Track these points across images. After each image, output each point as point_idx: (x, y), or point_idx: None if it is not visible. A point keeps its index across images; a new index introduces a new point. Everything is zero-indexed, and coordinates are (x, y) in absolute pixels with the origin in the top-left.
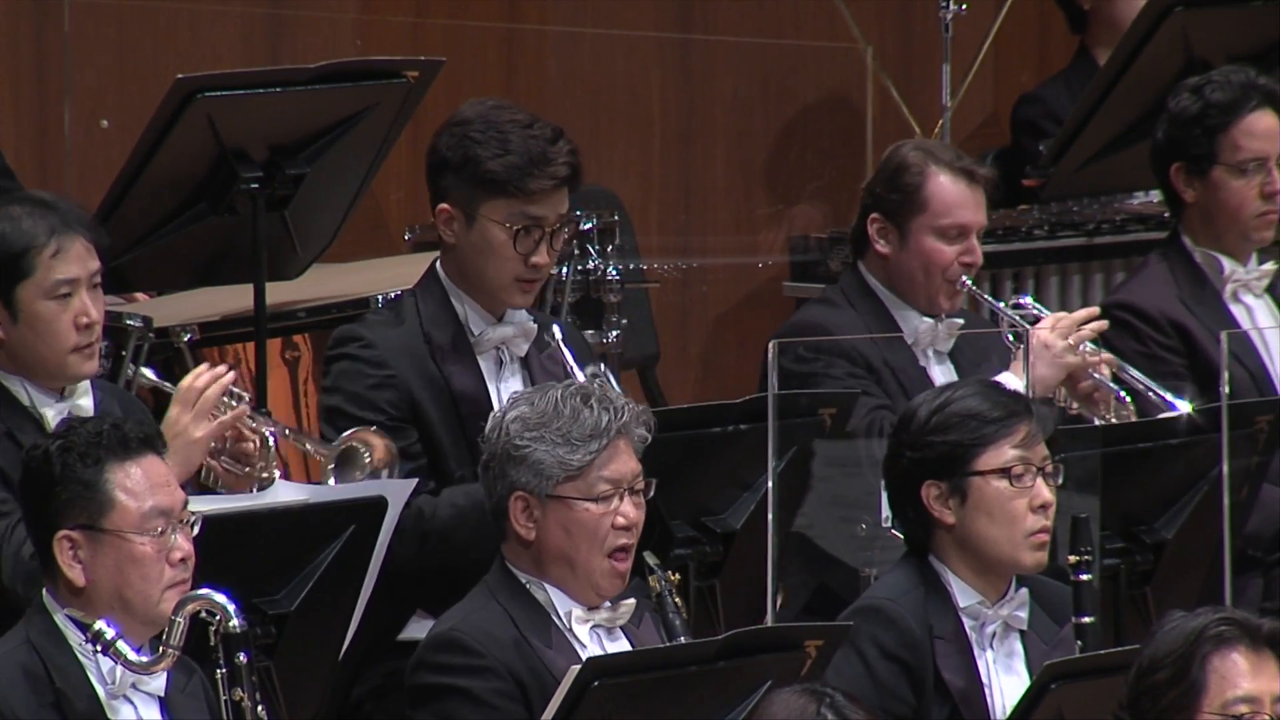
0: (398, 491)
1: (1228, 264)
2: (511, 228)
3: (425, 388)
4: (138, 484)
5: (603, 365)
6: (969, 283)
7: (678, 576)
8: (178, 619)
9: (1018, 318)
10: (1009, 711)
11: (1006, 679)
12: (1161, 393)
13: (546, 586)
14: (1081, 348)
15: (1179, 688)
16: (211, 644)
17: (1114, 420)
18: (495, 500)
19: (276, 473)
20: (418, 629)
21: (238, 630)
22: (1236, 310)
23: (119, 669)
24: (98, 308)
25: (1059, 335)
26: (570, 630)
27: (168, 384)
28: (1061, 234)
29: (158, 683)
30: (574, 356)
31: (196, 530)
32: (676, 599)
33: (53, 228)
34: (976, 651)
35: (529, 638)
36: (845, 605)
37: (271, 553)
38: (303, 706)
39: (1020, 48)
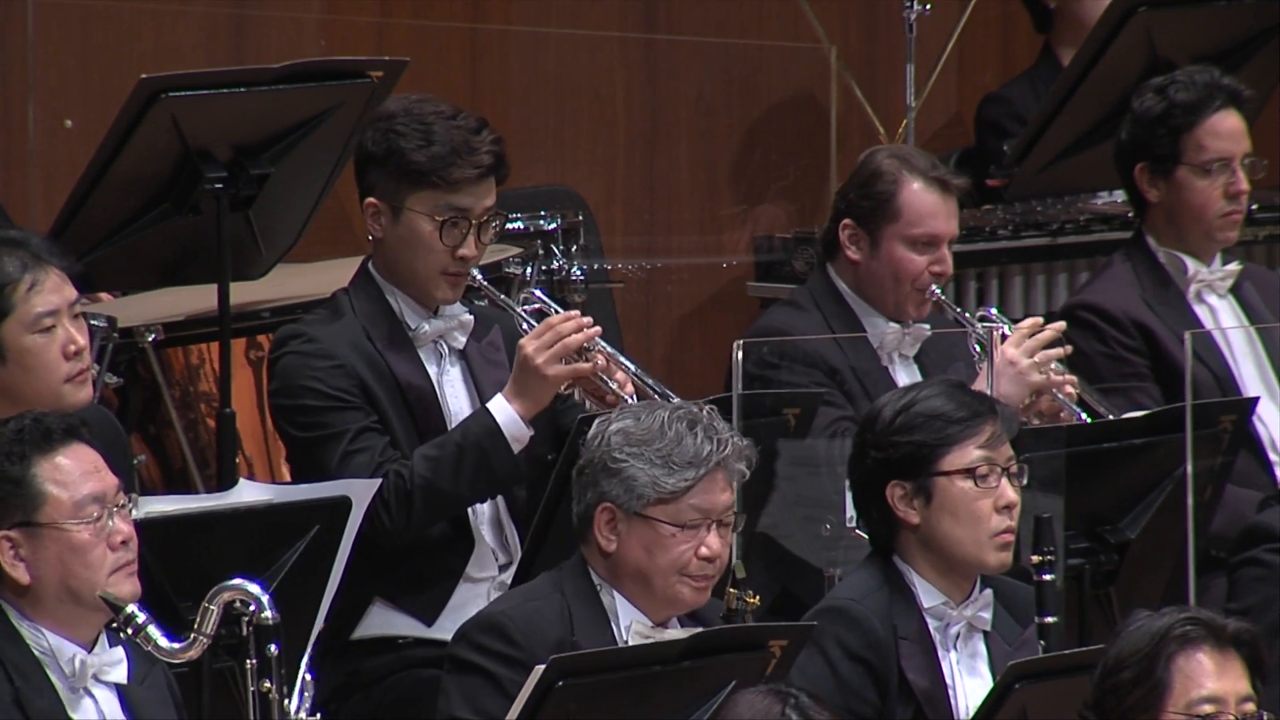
0: (362, 492)
1: (1191, 264)
2: (437, 219)
3: (372, 375)
4: (67, 474)
5: (537, 291)
6: (938, 292)
7: (756, 600)
8: (211, 606)
9: (983, 329)
10: (973, 712)
11: (970, 679)
12: (1119, 414)
13: (615, 595)
14: (1047, 367)
15: (1144, 687)
16: (244, 634)
17: None
18: (583, 506)
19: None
20: (381, 624)
21: (270, 622)
22: (1200, 311)
23: (79, 660)
24: (83, 335)
25: (1025, 353)
26: (626, 642)
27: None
28: (1025, 234)
29: (118, 672)
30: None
31: (134, 512)
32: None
33: (24, 263)
34: (940, 652)
35: (579, 640)
36: (809, 606)
37: (236, 553)
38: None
39: (984, 48)
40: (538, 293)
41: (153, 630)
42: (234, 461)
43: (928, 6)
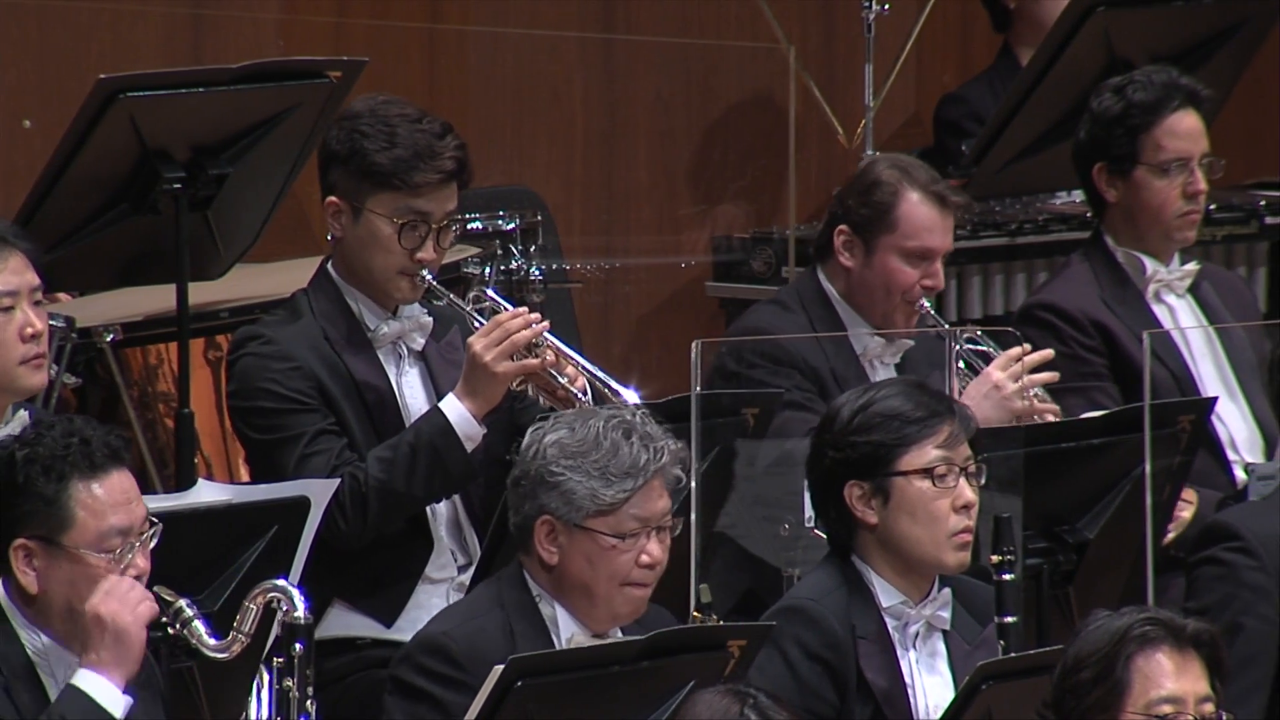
0: (320, 491)
1: (1150, 264)
2: (397, 222)
3: (331, 377)
4: (100, 503)
5: (489, 290)
6: (927, 305)
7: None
8: (250, 605)
9: (969, 351)
10: (940, 712)
11: (929, 679)
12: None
13: (556, 606)
14: (1030, 393)
15: (1103, 687)
16: (278, 634)
17: None
18: (521, 518)
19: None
20: (340, 625)
21: (302, 621)
22: (1159, 310)
23: (75, 668)
24: (41, 320)
25: (1010, 377)
26: None
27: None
28: (984, 234)
29: None
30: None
31: (154, 543)
32: None
33: None
34: (899, 651)
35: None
36: (768, 605)
37: (194, 553)
38: (225, 707)
39: (942, 48)
40: (489, 291)
41: (198, 625)
42: (193, 462)
43: (886, 6)
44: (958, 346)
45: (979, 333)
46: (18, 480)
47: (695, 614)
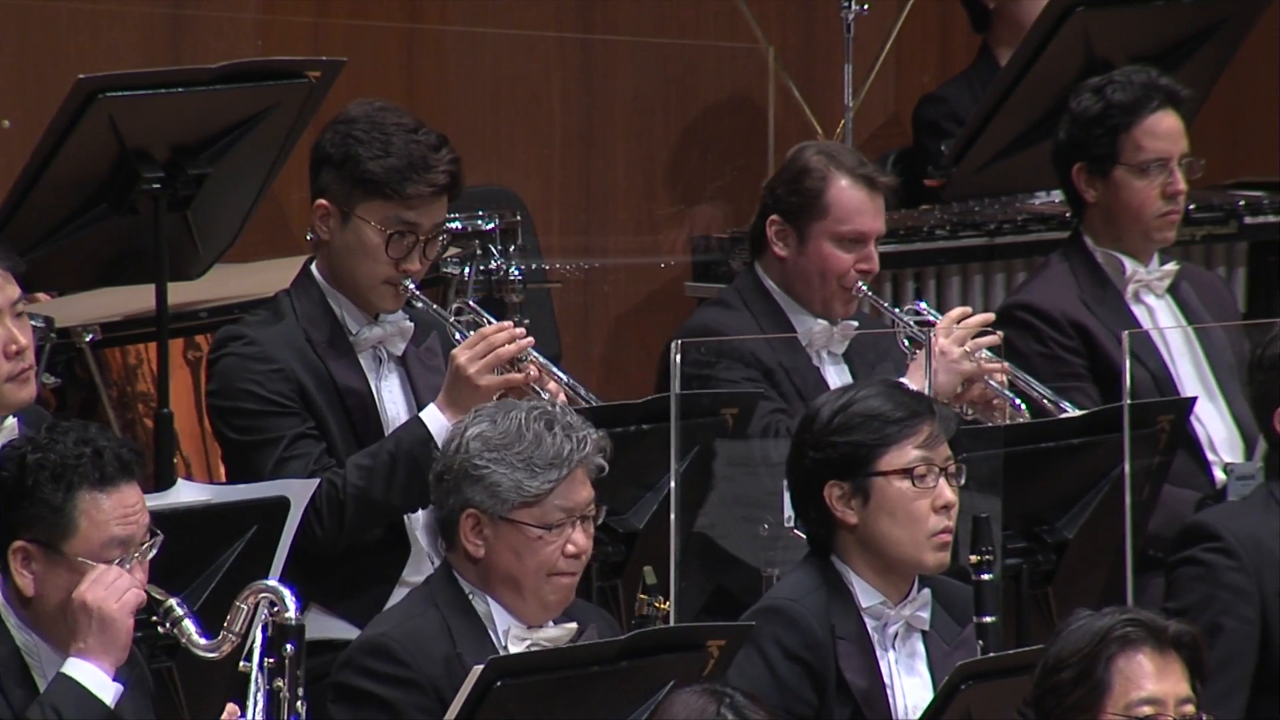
0: (300, 492)
1: (1129, 264)
2: (385, 231)
3: (312, 380)
4: (104, 515)
5: (471, 301)
6: (865, 289)
7: (666, 605)
8: (241, 605)
9: (913, 324)
10: (920, 712)
11: (908, 679)
12: (1056, 399)
13: (489, 600)
14: (977, 354)
15: (1084, 687)
16: (270, 634)
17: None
18: (446, 513)
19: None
20: (317, 628)
21: (294, 622)
22: (1138, 310)
23: None
24: (25, 334)
25: (955, 342)
26: (505, 647)
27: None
28: (963, 234)
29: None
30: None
31: (153, 554)
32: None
33: None
34: (879, 652)
35: (462, 653)
36: (747, 605)
37: (174, 554)
38: (204, 708)
39: (922, 48)
40: (471, 303)
41: (188, 624)
42: (172, 462)
43: (865, 7)
44: (901, 321)
45: (923, 305)
46: (26, 483)
47: (641, 596)
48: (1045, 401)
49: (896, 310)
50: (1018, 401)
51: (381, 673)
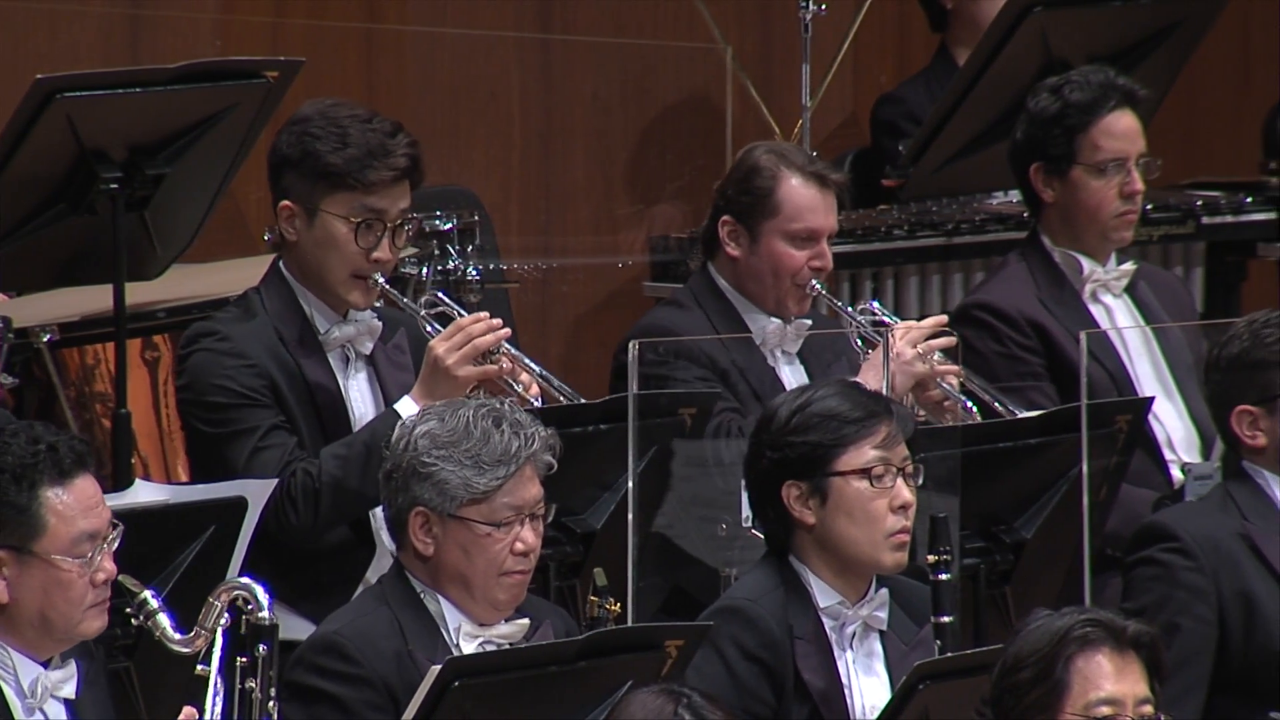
0: (258, 492)
1: (1087, 264)
2: (353, 221)
3: (283, 376)
4: (70, 509)
5: (440, 294)
6: (819, 287)
7: (617, 607)
8: (215, 602)
9: (866, 323)
10: (878, 712)
11: (866, 679)
12: (1007, 403)
13: (440, 599)
14: (931, 357)
15: (1042, 687)
16: (242, 632)
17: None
18: (395, 511)
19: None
20: (281, 628)
21: (267, 622)
22: (1096, 310)
23: (39, 682)
24: None
25: (908, 344)
26: (457, 645)
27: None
28: (921, 234)
29: (69, 688)
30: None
31: (117, 544)
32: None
33: None
34: (836, 652)
35: (414, 651)
36: (705, 605)
37: (131, 553)
38: (161, 707)
39: (879, 48)
40: (441, 295)
41: (162, 618)
42: (130, 462)
43: (823, 7)
44: (855, 321)
45: (875, 305)
46: None
47: (592, 598)
48: (996, 405)
49: (850, 310)
50: (969, 404)
51: (333, 670)
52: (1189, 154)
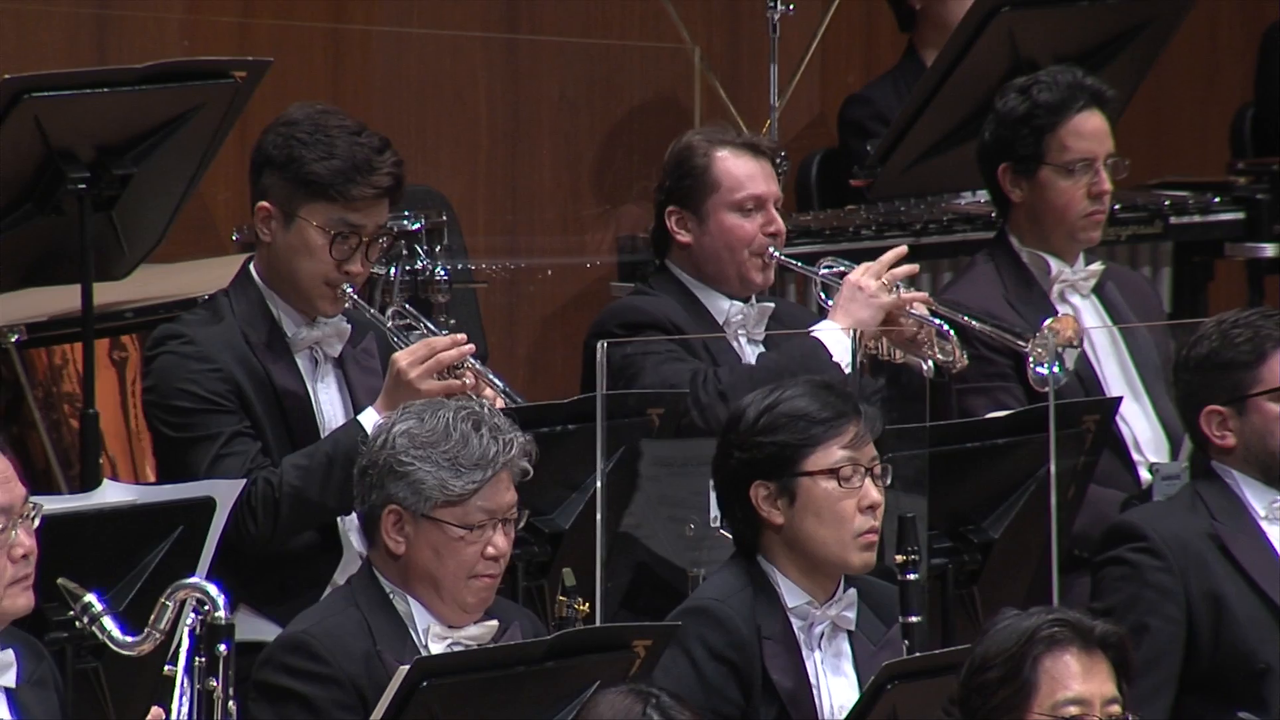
0: (226, 492)
1: (1055, 264)
2: (329, 232)
3: (249, 381)
4: None
5: (408, 305)
6: (776, 253)
7: (586, 607)
8: (167, 602)
9: (832, 276)
10: (846, 712)
11: (834, 679)
12: (984, 320)
13: (409, 599)
14: (895, 286)
15: (1010, 687)
16: (198, 633)
17: (941, 358)
18: (368, 508)
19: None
20: (247, 630)
21: (223, 622)
22: (1063, 310)
23: None
24: None
25: (871, 277)
26: (426, 646)
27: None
28: (889, 234)
29: (8, 676)
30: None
31: (37, 523)
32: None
33: None
34: (805, 652)
35: (382, 651)
36: (673, 606)
37: (99, 554)
38: (130, 708)
39: (847, 48)
40: (408, 306)
41: (107, 621)
42: (98, 462)
43: (791, 7)
44: (819, 273)
45: (831, 260)
46: None
47: (560, 598)
48: (971, 322)
49: (811, 269)
50: (945, 328)
51: (301, 669)
52: (1157, 154)
